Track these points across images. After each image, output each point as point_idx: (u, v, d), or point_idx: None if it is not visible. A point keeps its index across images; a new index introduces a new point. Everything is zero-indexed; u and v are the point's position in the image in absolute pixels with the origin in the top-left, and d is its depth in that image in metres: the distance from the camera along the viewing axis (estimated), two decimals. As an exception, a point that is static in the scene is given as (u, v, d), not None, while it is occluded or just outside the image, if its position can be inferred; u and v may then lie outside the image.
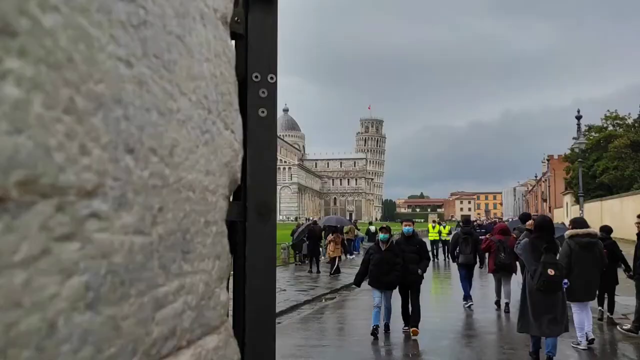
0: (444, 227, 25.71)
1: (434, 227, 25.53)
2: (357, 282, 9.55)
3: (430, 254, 22.65)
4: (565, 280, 6.68)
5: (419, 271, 9.07)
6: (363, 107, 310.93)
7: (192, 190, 0.54)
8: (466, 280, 12.34)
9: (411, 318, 9.13)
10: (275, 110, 1.01)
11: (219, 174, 0.61)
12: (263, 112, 0.98)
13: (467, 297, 12.26)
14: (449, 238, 23.37)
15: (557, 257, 6.64)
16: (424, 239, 11.31)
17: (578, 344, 8.01)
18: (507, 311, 11.21)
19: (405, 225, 9.67)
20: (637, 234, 9.34)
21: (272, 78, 1.01)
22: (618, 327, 9.41)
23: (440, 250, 24.94)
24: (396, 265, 8.89)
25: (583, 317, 7.91)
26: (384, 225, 9.77)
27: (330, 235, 19.14)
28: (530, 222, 9.24)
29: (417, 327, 8.96)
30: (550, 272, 6.22)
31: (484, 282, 15.67)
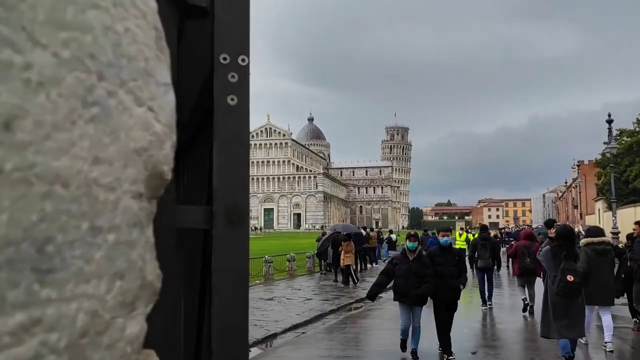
0: (474, 235, 24.24)
1: (460, 235, 24.14)
2: (372, 294, 8.22)
3: None
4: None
5: (461, 286, 8.09)
6: (388, 114, 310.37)
7: (62, 183, 0.38)
8: (483, 284, 13.28)
9: (442, 342, 8.24)
10: (247, 97, 0.86)
11: (123, 164, 0.44)
12: (233, 99, 0.83)
13: (484, 301, 13.13)
14: None
15: (578, 264, 6.89)
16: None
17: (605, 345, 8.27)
18: (531, 312, 11.70)
19: (443, 236, 8.52)
20: (632, 240, 9.75)
21: (243, 60, 0.85)
22: None
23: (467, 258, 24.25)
24: (426, 277, 7.80)
25: (610, 319, 8.29)
26: (412, 233, 8.55)
27: (342, 243, 18.74)
28: (552, 230, 9.44)
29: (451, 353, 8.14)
30: (570, 278, 6.56)
31: (512, 291, 15.24)
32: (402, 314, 8.14)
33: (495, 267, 13.83)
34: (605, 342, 8.20)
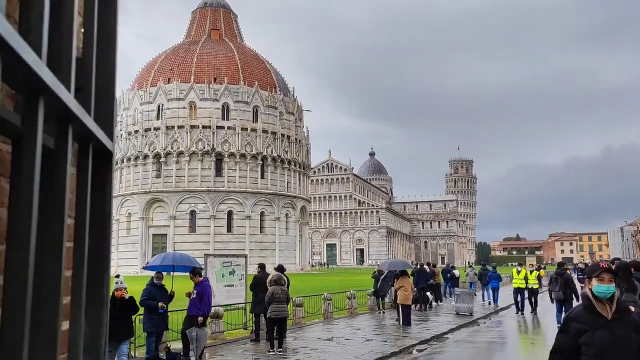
0: (531, 272, 21.58)
1: (518, 273, 21.42)
2: None
3: (516, 305, 21.28)
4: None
5: None
6: (451, 147, 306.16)
7: None
8: (560, 312, 15.29)
9: None
10: None
11: None
12: None
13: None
14: (537, 286, 21.15)
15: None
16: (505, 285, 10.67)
17: None
18: None
19: None
20: None
21: None
22: None
23: (527, 301, 21.05)
24: None
25: None
26: (604, 265, 4.17)
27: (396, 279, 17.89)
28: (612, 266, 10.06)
29: None
30: (631, 308, 6.99)
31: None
32: None
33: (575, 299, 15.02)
34: None
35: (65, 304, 0.82)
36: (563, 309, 15.17)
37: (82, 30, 0.84)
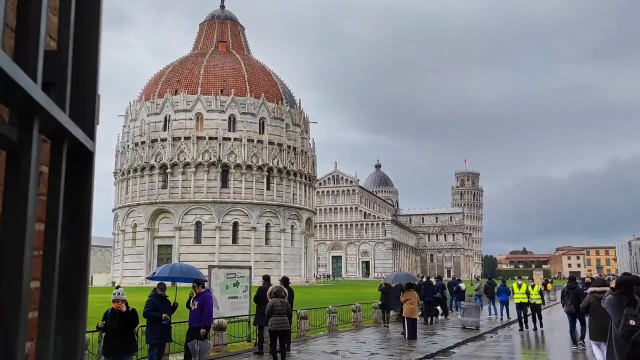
0: (533, 287, 20.73)
1: (519, 287, 20.42)
2: None
3: (519, 321, 20.89)
4: None
5: None
6: (457, 160, 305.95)
7: None
8: (572, 326, 15.65)
9: None
10: None
11: None
12: None
13: (574, 341, 15.29)
14: (540, 301, 20.64)
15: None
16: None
17: None
18: None
19: None
20: None
21: None
22: None
23: (530, 318, 20.35)
24: None
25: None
26: None
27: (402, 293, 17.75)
28: (612, 281, 10.81)
29: None
30: (632, 322, 7.26)
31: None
32: None
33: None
34: None
35: (30, 319, 0.75)
36: (576, 321, 15.50)
37: (58, 20, 0.78)
